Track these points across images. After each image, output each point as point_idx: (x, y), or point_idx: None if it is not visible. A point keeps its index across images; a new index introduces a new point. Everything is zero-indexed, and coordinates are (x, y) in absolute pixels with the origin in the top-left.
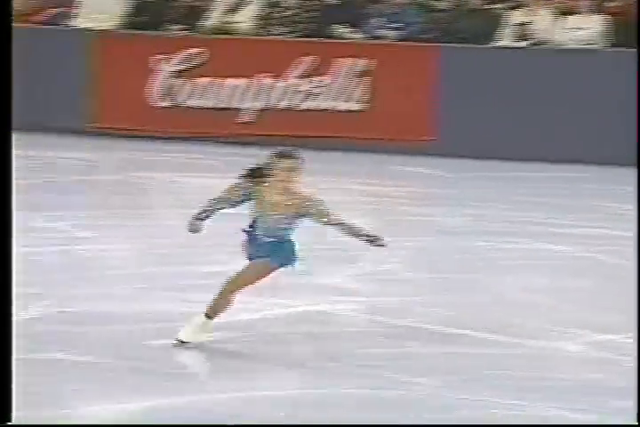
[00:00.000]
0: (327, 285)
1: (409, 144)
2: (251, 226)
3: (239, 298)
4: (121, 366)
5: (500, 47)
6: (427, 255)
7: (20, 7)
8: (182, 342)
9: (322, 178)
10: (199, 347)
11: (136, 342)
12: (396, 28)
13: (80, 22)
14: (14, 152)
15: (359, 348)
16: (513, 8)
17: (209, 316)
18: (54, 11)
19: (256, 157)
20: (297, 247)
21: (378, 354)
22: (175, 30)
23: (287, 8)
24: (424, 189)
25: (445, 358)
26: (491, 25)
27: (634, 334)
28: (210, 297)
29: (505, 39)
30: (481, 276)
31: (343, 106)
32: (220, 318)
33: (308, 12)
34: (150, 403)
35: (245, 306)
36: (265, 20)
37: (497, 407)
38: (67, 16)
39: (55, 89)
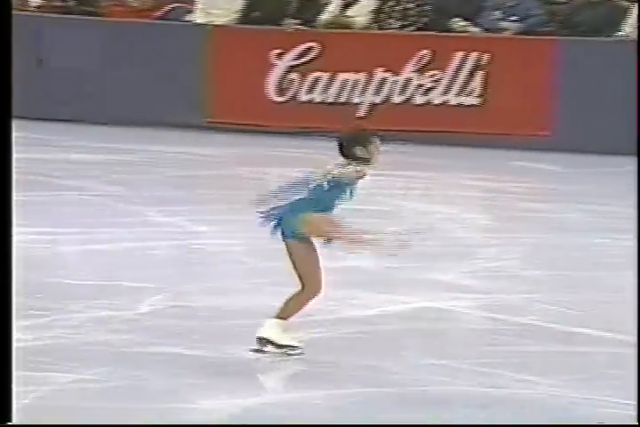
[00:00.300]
0: (441, 281)
1: (525, 139)
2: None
3: (352, 294)
4: (233, 360)
5: (620, 40)
6: (544, 252)
7: (138, 3)
8: (271, 342)
9: (437, 173)
10: (311, 343)
11: (249, 337)
12: (514, 21)
13: (197, 17)
14: (133, 147)
15: (474, 345)
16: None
17: (282, 317)
18: (172, 6)
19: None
20: None
21: (494, 352)
22: (291, 25)
23: (401, 1)
24: (541, 185)
25: (563, 357)
26: (613, 17)
27: None
28: (326, 293)
29: (627, 32)
30: (600, 273)
31: (459, 100)
32: (332, 314)
33: (421, 5)
34: (264, 399)
35: (358, 302)
36: (380, 14)
37: (617, 408)
38: (184, 11)
39: (172, 84)
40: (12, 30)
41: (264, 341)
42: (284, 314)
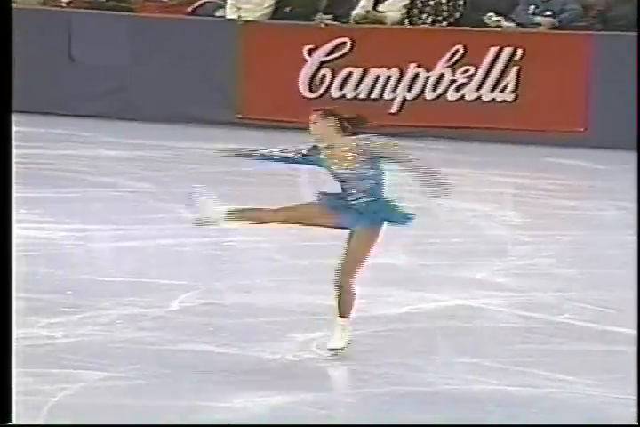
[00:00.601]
0: (474, 279)
1: (559, 135)
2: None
3: (384, 291)
4: (264, 358)
5: None
6: (578, 250)
7: None
8: (335, 349)
9: (471, 170)
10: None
11: (280, 335)
12: (549, 16)
13: (228, 13)
14: (162, 143)
15: (507, 344)
16: None
17: (344, 316)
18: (203, 1)
19: (402, 148)
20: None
21: (527, 350)
22: (322, 20)
23: None
24: (575, 182)
25: (598, 356)
26: None
27: None
28: (357, 291)
29: None
30: (635, 271)
31: (492, 96)
32: (364, 312)
33: (454, 0)
34: (293, 398)
35: (388, 300)
36: (413, 9)
37: None
38: (215, 7)
39: (203, 80)
40: (12, 25)
41: (331, 346)
42: (342, 312)
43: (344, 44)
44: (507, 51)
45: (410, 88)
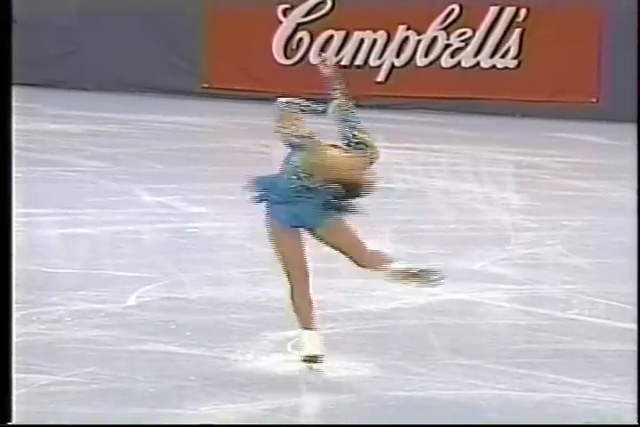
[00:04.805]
0: (471, 270)
1: (568, 107)
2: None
3: (366, 284)
4: (233, 360)
5: None
6: (588, 237)
7: None
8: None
9: (467, 146)
10: (324, 340)
11: (251, 334)
12: None
13: None
14: (118, 116)
15: (509, 343)
16: None
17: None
18: None
19: (390, 122)
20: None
21: (531, 351)
22: None
23: None
24: (587, 160)
25: (612, 357)
26: None
27: None
28: (336, 283)
29: None
30: None
31: (492, 62)
32: (346, 307)
33: None
34: (266, 405)
35: (377, 294)
36: None
37: None
38: None
39: (164, 44)
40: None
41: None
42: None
43: (324, 2)
44: (509, 10)
45: (399, 53)
